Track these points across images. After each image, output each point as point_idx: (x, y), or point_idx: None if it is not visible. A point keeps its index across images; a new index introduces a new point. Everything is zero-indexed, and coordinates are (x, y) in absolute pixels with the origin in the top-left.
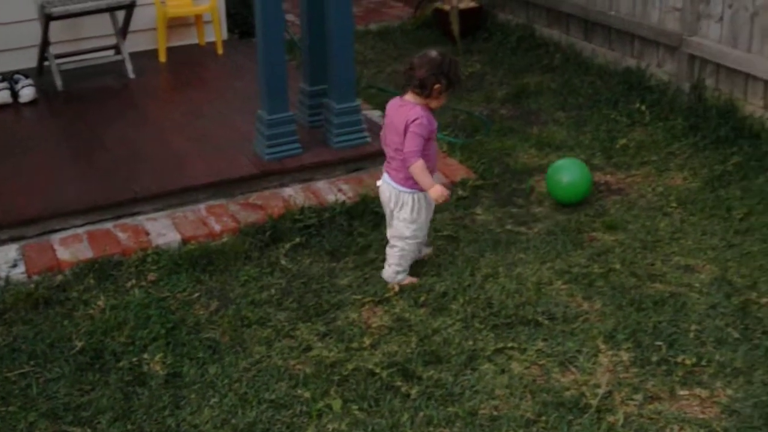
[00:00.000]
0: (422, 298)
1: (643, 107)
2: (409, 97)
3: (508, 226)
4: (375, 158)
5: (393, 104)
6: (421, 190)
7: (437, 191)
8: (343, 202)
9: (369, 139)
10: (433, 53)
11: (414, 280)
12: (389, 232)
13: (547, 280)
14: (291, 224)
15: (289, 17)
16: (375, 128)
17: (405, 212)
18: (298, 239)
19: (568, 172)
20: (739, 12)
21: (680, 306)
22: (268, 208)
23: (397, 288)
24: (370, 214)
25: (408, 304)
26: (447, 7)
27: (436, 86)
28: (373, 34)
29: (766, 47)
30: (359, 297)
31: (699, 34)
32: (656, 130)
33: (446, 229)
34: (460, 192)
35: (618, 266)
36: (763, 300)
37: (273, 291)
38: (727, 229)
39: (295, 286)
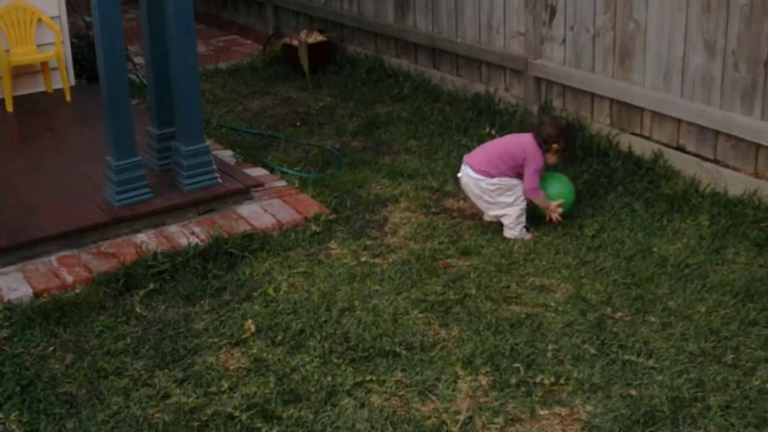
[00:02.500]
0: (279, 337)
1: (494, 131)
2: (532, 138)
3: (363, 259)
4: (226, 199)
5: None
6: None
7: (554, 210)
8: (196, 245)
9: (219, 180)
10: (563, 121)
11: (531, 236)
12: (487, 210)
13: (403, 310)
14: (144, 271)
15: (139, 60)
16: (226, 168)
17: (495, 191)
18: (152, 285)
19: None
20: (581, 34)
21: (537, 326)
22: (120, 256)
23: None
24: (224, 256)
25: (265, 343)
26: (296, 43)
27: (555, 145)
28: (224, 72)
29: (608, 66)
30: (216, 340)
31: (544, 57)
32: None
33: (300, 265)
34: (314, 227)
35: (473, 291)
36: (618, 314)
37: (129, 340)
38: (580, 247)
39: (151, 333)
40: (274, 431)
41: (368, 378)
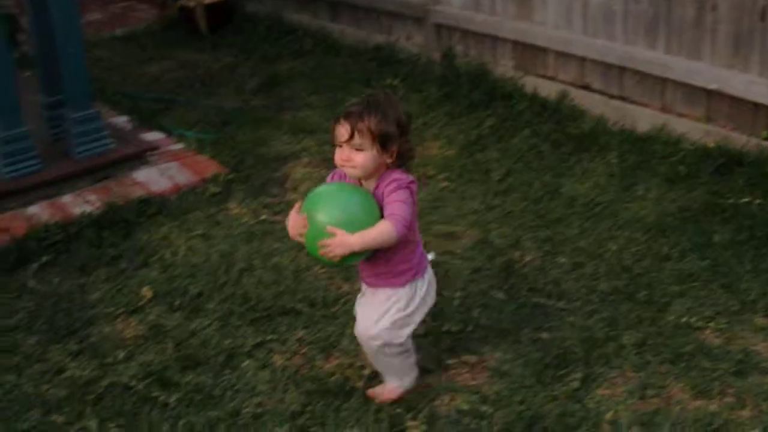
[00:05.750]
0: (177, 302)
1: (396, 81)
2: None
3: (263, 217)
4: (121, 165)
5: None
6: None
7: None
8: (90, 213)
9: (112, 146)
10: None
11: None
12: None
13: (305, 266)
14: (37, 243)
15: None
16: (120, 134)
17: None
18: (45, 258)
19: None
20: None
21: (443, 274)
22: (11, 230)
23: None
24: (119, 223)
25: (162, 309)
26: (192, 4)
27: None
28: (120, 39)
29: (509, 7)
30: (112, 310)
31: (443, 2)
32: (410, 102)
33: (199, 227)
34: (212, 188)
35: None
36: (526, 258)
37: (21, 315)
38: (487, 192)
39: (45, 307)
40: (172, 399)
41: (269, 338)
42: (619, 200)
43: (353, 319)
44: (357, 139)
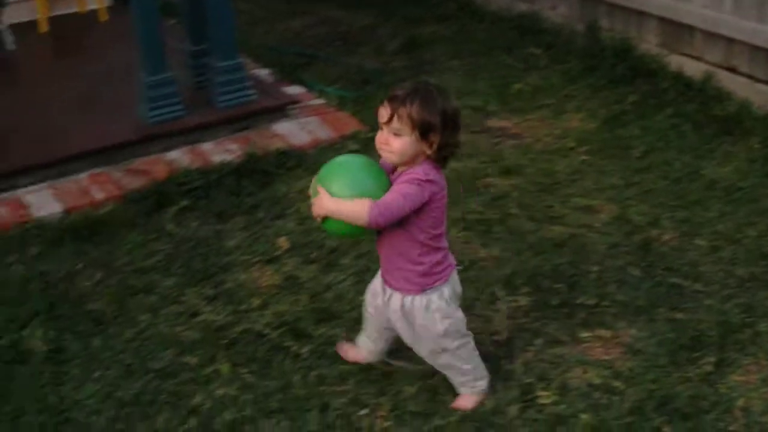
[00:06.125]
0: (313, 255)
1: (538, 51)
2: None
3: None
4: (261, 116)
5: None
6: None
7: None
8: (230, 162)
9: (255, 97)
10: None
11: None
12: None
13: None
14: (177, 188)
15: None
16: (262, 86)
17: None
18: (184, 203)
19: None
20: None
21: (580, 247)
22: (152, 173)
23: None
24: (258, 173)
25: (298, 261)
26: None
27: None
28: None
29: None
30: (248, 257)
31: None
32: (552, 73)
33: None
34: (352, 145)
35: (515, 211)
36: (665, 237)
37: (159, 257)
38: (627, 168)
39: (182, 250)
40: (305, 349)
41: None
42: (761, 186)
43: (489, 285)
44: (396, 123)
